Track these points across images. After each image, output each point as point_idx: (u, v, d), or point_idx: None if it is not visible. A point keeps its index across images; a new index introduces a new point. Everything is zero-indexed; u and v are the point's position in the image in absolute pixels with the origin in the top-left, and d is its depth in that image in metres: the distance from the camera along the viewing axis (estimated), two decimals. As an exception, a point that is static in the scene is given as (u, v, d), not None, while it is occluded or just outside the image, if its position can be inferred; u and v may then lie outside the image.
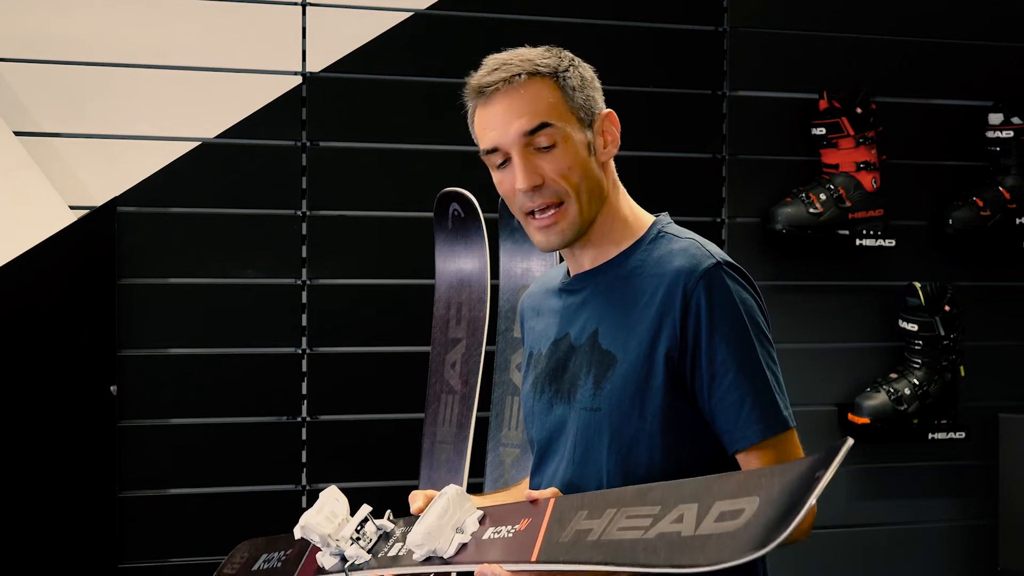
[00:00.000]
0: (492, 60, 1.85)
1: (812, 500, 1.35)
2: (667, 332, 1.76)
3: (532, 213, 1.83)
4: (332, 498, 1.81)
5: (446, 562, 1.65)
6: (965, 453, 4.05)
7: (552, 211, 1.81)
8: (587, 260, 1.89)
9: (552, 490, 1.70)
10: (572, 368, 1.86)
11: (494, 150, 1.83)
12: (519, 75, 1.81)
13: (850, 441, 1.39)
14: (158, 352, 3.42)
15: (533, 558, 1.55)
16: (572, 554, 1.53)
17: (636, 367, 1.77)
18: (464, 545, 1.65)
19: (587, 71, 1.87)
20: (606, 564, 1.48)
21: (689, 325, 1.75)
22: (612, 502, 1.58)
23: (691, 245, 1.83)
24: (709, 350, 1.75)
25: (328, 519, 1.78)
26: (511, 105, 1.81)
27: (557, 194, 1.81)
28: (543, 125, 1.80)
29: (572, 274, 1.93)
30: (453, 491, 1.69)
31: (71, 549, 3.28)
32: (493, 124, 1.82)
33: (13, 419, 3.24)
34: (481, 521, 1.67)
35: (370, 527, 1.77)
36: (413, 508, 1.80)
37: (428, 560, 1.66)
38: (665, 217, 1.91)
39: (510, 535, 1.61)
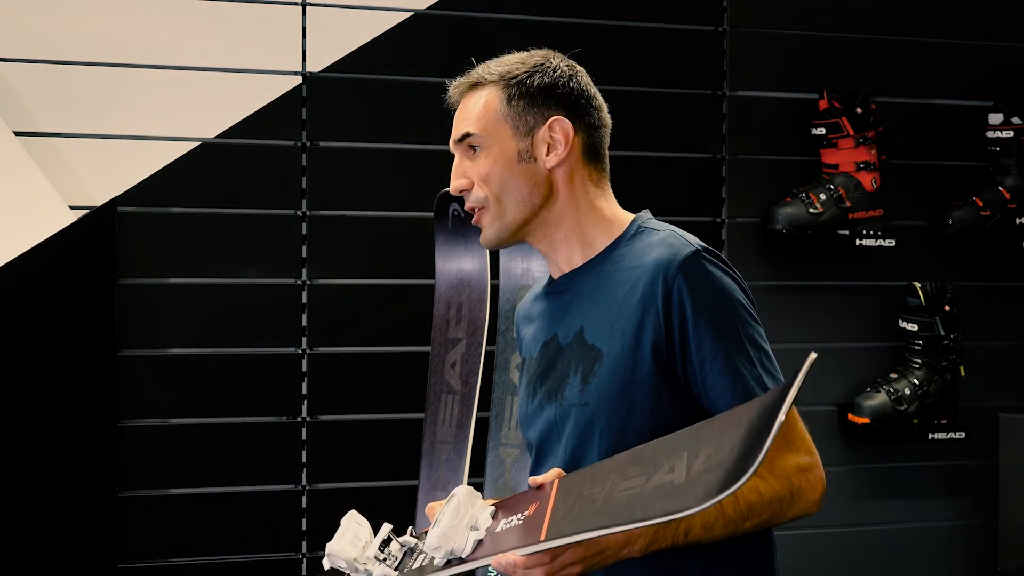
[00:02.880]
0: None
1: (782, 416, 1.37)
2: (651, 323, 1.77)
3: None
4: (353, 522, 1.82)
5: (465, 561, 1.66)
6: (965, 453, 4.05)
7: (476, 212, 1.92)
8: (563, 262, 1.92)
9: (555, 471, 1.70)
10: (560, 367, 1.87)
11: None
12: (466, 85, 1.93)
13: (813, 355, 1.41)
14: (158, 352, 3.42)
15: (542, 537, 1.56)
16: (578, 524, 1.54)
17: (622, 359, 1.79)
18: (480, 541, 1.66)
19: (549, 78, 1.89)
20: (608, 527, 1.50)
21: (673, 314, 1.77)
22: (611, 469, 1.61)
23: (669, 236, 1.85)
24: (696, 337, 1.76)
25: (352, 543, 1.79)
26: (458, 113, 1.94)
27: (478, 199, 1.90)
28: (465, 135, 1.90)
29: (555, 277, 1.95)
30: (463, 491, 1.70)
31: (71, 549, 3.28)
32: None
33: (13, 419, 3.24)
34: (493, 516, 1.68)
35: (394, 545, 1.78)
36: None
37: (448, 563, 1.67)
38: (645, 213, 1.93)
39: (520, 522, 1.63)
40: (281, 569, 3.50)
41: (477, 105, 1.90)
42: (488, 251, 3.16)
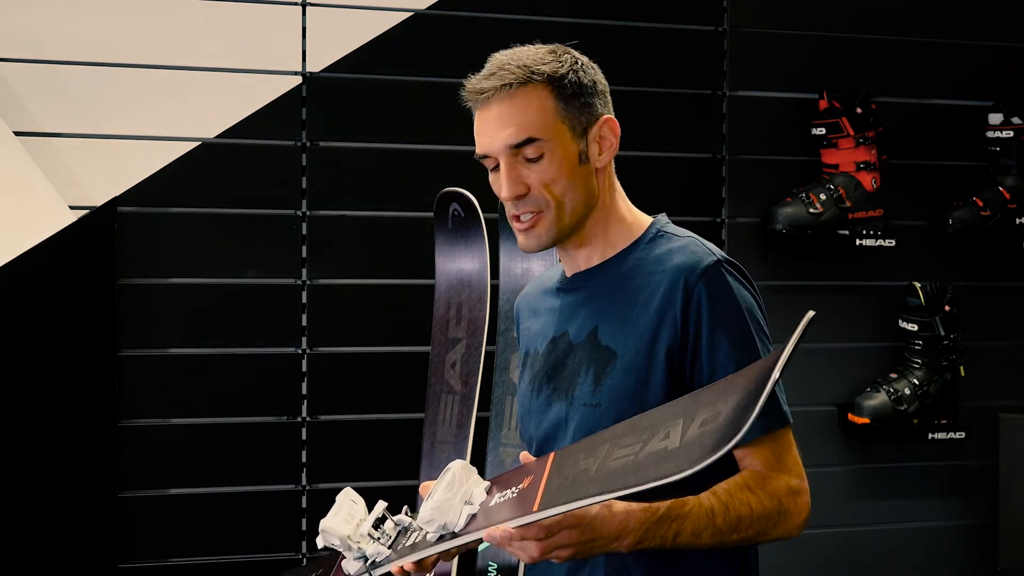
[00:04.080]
0: (492, 62, 1.85)
1: (776, 374, 1.38)
2: (668, 328, 1.77)
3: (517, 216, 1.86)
4: (348, 500, 1.81)
5: (458, 535, 1.65)
6: (965, 453, 4.05)
7: (531, 216, 1.84)
8: (582, 260, 1.90)
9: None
10: (571, 366, 1.87)
11: (485, 156, 1.85)
12: (511, 84, 1.81)
13: (811, 313, 1.41)
14: (158, 352, 3.42)
15: (535, 508, 1.55)
16: (570, 494, 1.53)
17: (636, 363, 1.79)
18: (473, 516, 1.65)
19: (589, 75, 1.86)
20: (600, 494, 1.49)
21: (690, 321, 1.77)
22: (606, 439, 1.60)
23: (691, 243, 1.84)
24: (710, 346, 1.76)
25: (346, 521, 1.78)
26: (501, 114, 1.82)
27: (538, 204, 1.83)
28: (529, 140, 1.81)
29: (569, 274, 1.94)
30: (458, 465, 1.69)
31: (71, 549, 3.28)
32: (485, 131, 1.84)
33: (13, 419, 3.24)
34: (488, 491, 1.68)
35: (388, 524, 1.77)
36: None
37: (441, 538, 1.66)
38: (663, 217, 1.93)
39: (514, 495, 1.62)
40: (281, 569, 3.49)
41: (530, 106, 1.81)
42: (487, 251, 3.16)
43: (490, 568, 2.99)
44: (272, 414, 3.51)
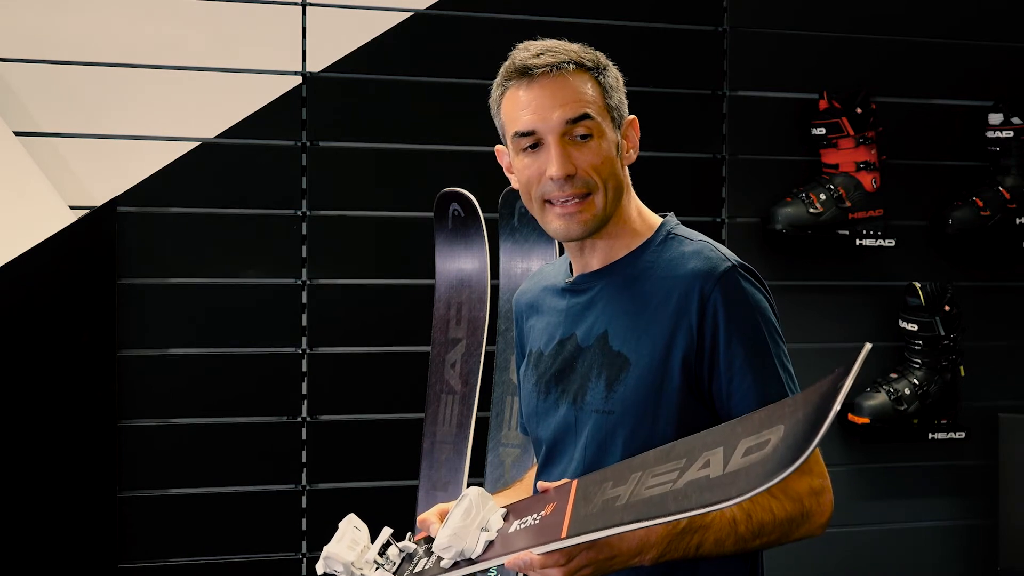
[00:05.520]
0: (535, 44, 1.85)
1: (837, 406, 1.34)
2: (683, 335, 1.76)
3: (551, 201, 1.82)
4: (351, 526, 1.80)
5: (474, 562, 1.64)
6: (965, 453, 4.05)
7: (577, 200, 1.81)
8: (595, 260, 1.88)
9: (565, 480, 1.69)
10: (580, 369, 1.85)
11: (528, 133, 1.82)
12: (568, 63, 1.81)
13: (868, 346, 1.38)
14: (158, 352, 3.42)
15: (563, 534, 1.54)
16: (602, 521, 1.51)
17: (651, 370, 1.77)
18: (491, 543, 1.64)
19: (619, 74, 1.88)
20: (638, 521, 1.47)
21: (706, 328, 1.76)
22: (636, 467, 1.58)
23: (705, 247, 1.83)
24: (727, 353, 1.75)
25: (349, 547, 1.77)
26: (555, 92, 1.80)
27: (587, 185, 1.81)
28: (585, 116, 1.80)
29: (576, 273, 1.92)
30: (475, 492, 1.68)
31: (71, 549, 3.28)
32: (533, 107, 1.81)
33: (13, 419, 3.24)
34: (505, 518, 1.67)
35: (392, 550, 1.76)
36: (433, 532, 1.76)
37: (456, 564, 1.66)
38: (673, 218, 1.91)
39: (537, 522, 1.61)
40: (281, 569, 3.50)
41: (585, 87, 1.81)
42: (487, 251, 3.16)
43: (490, 573, 2.99)
44: (272, 414, 3.51)
